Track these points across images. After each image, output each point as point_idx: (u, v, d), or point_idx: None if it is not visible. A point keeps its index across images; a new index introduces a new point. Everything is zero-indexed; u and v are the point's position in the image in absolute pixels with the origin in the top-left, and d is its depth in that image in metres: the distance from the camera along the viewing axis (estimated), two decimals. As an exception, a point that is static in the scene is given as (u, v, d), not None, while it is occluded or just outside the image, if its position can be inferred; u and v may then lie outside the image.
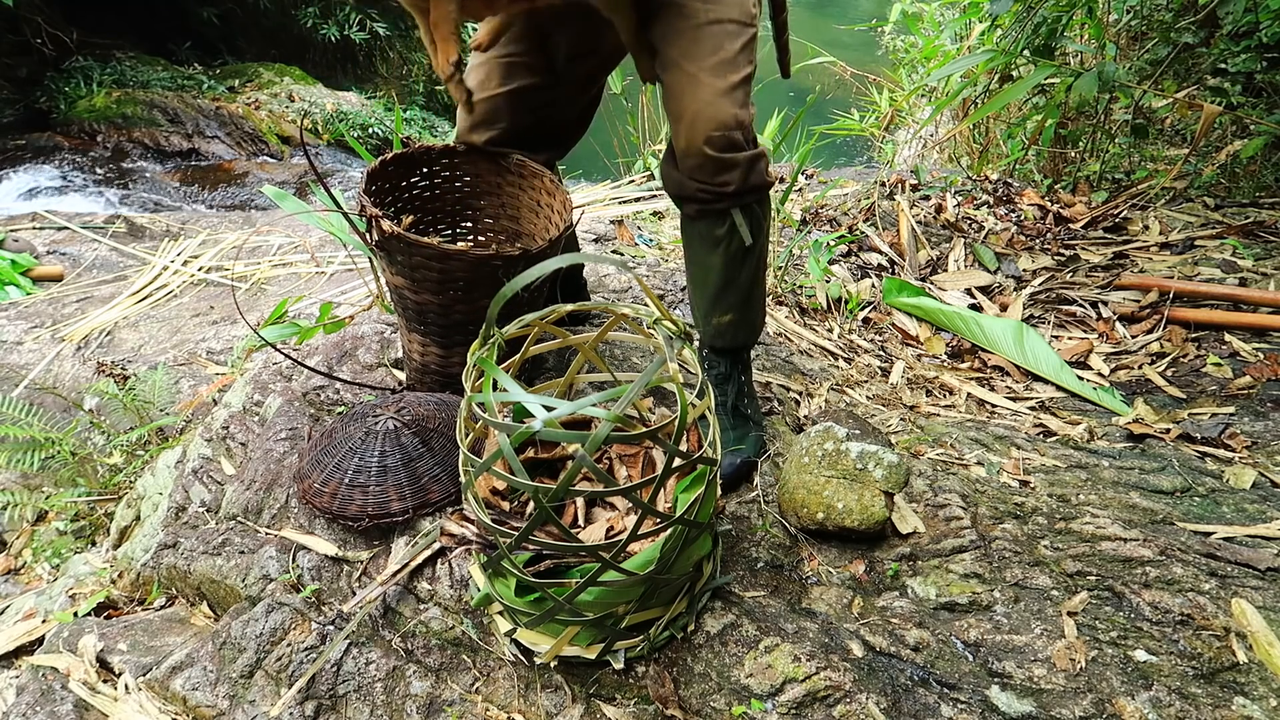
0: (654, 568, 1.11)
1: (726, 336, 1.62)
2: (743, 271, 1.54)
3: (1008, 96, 3.54)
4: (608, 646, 1.19)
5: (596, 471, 0.99)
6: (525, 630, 1.21)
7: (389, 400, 1.63)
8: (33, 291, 3.44)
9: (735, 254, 1.51)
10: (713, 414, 1.19)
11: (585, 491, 1.18)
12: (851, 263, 3.11)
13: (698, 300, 1.62)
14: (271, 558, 1.44)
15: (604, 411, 0.95)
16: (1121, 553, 1.42)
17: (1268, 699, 1.16)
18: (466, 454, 1.13)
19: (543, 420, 0.95)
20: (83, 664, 1.37)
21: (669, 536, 1.11)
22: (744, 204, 1.46)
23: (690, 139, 1.38)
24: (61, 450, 2.03)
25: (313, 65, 7.55)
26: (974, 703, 1.18)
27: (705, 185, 1.42)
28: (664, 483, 1.05)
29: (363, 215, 1.51)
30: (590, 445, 0.95)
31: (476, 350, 1.16)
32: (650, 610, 1.20)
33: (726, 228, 1.48)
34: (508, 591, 1.18)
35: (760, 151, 1.45)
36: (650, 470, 1.43)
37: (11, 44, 6.14)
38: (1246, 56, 3.38)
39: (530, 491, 1.00)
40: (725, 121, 1.36)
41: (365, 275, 2.61)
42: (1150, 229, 3.24)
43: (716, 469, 1.17)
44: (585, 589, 1.10)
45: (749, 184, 1.44)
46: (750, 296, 1.61)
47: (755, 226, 1.50)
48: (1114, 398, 2.29)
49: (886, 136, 5.32)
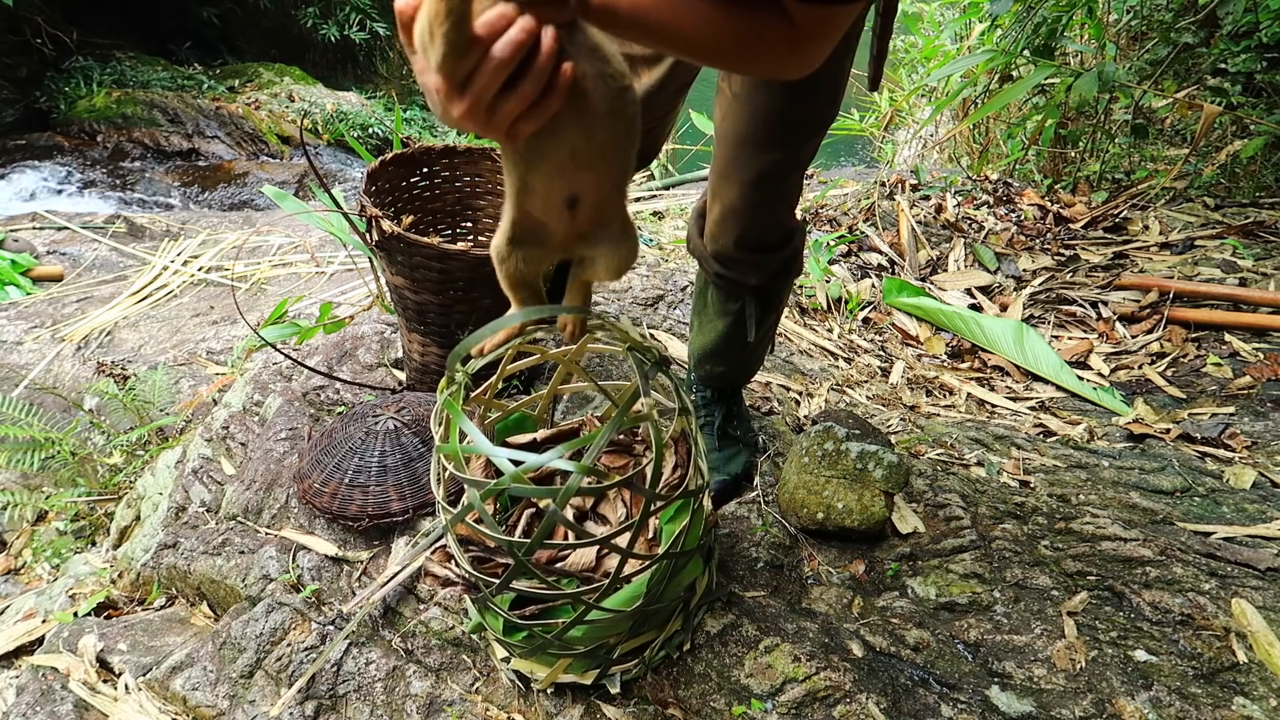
0: (641, 602, 1.09)
1: (716, 381, 1.58)
2: (744, 347, 1.47)
3: (1008, 96, 3.54)
4: (603, 672, 1.18)
5: (569, 525, 0.97)
6: (519, 660, 1.20)
7: (389, 400, 1.63)
8: (33, 291, 3.44)
9: (740, 334, 1.43)
10: (696, 438, 1.14)
11: (561, 544, 1.15)
12: (851, 263, 3.11)
13: (695, 344, 1.55)
14: (271, 558, 1.44)
15: (572, 465, 0.91)
16: (1121, 553, 1.42)
17: (1268, 699, 1.16)
18: (442, 504, 1.09)
19: (510, 475, 0.92)
20: (83, 664, 1.37)
21: (654, 571, 1.09)
22: (761, 295, 1.38)
23: (719, 232, 1.30)
24: (61, 450, 2.03)
25: (313, 65, 7.55)
26: (974, 703, 1.18)
27: (725, 274, 1.35)
28: (642, 525, 1.01)
29: (363, 215, 1.51)
30: (561, 499, 0.92)
31: (443, 391, 1.09)
32: (645, 635, 1.18)
33: (739, 308, 1.40)
34: (497, 627, 1.17)
35: (795, 250, 1.36)
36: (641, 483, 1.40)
37: (11, 44, 6.14)
38: (1246, 56, 3.38)
39: (507, 546, 0.97)
40: (763, 224, 1.27)
41: (365, 275, 2.61)
42: (1150, 229, 3.24)
43: (703, 495, 1.13)
44: (572, 628, 1.08)
45: (774, 280, 1.36)
46: (750, 360, 1.55)
47: (766, 314, 1.41)
48: (1114, 398, 2.29)
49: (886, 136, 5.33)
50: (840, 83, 1.19)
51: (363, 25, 7.24)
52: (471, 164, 1.70)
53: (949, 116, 4.71)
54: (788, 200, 1.29)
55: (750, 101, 1.17)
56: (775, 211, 1.29)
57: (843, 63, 1.16)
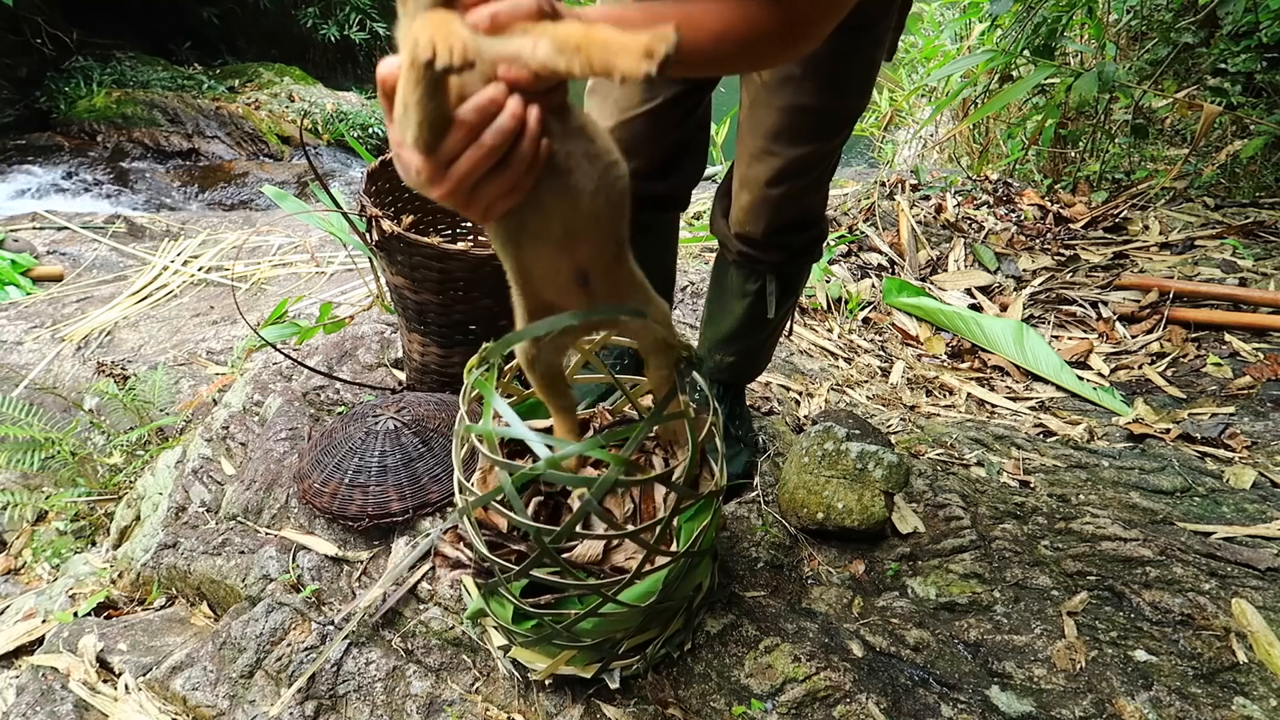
0: (655, 598, 1.09)
1: (726, 373, 1.59)
2: (760, 331, 1.48)
3: (1008, 96, 3.54)
4: (604, 667, 1.18)
5: (604, 518, 0.96)
6: (520, 649, 1.20)
7: (389, 400, 1.63)
8: (33, 291, 3.44)
9: (758, 314, 1.44)
10: (720, 439, 1.13)
11: (589, 535, 1.14)
12: (851, 263, 3.11)
13: (707, 333, 1.56)
14: (271, 558, 1.44)
15: (611, 455, 0.90)
16: (1121, 553, 1.42)
17: (1268, 699, 1.16)
18: (463, 483, 1.07)
19: (545, 460, 0.89)
20: (83, 664, 1.37)
21: (672, 568, 1.09)
22: (782, 273, 1.39)
23: (746, 220, 1.30)
24: (61, 450, 2.03)
25: (313, 65, 7.55)
26: (974, 703, 1.18)
27: (748, 253, 1.35)
28: (670, 522, 1.00)
29: (363, 215, 1.51)
30: (597, 491, 0.91)
31: (473, 368, 1.07)
32: (648, 632, 1.18)
33: (758, 287, 1.41)
34: (505, 614, 1.16)
35: (819, 234, 1.36)
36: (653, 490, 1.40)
37: (11, 44, 6.14)
38: (1246, 56, 3.38)
39: (533, 533, 0.96)
40: (792, 212, 1.27)
41: (365, 275, 2.61)
42: (1150, 229, 3.24)
43: (720, 496, 1.14)
44: (584, 619, 1.07)
45: (796, 261, 1.37)
46: (761, 349, 1.56)
47: (786, 295, 1.42)
48: (1114, 398, 2.29)
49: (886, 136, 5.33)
50: (871, 75, 1.19)
51: (363, 25, 7.25)
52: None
53: (949, 116, 4.71)
54: (818, 189, 1.29)
55: (781, 94, 1.16)
56: (805, 200, 1.29)
57: (872, 54, 1.15)
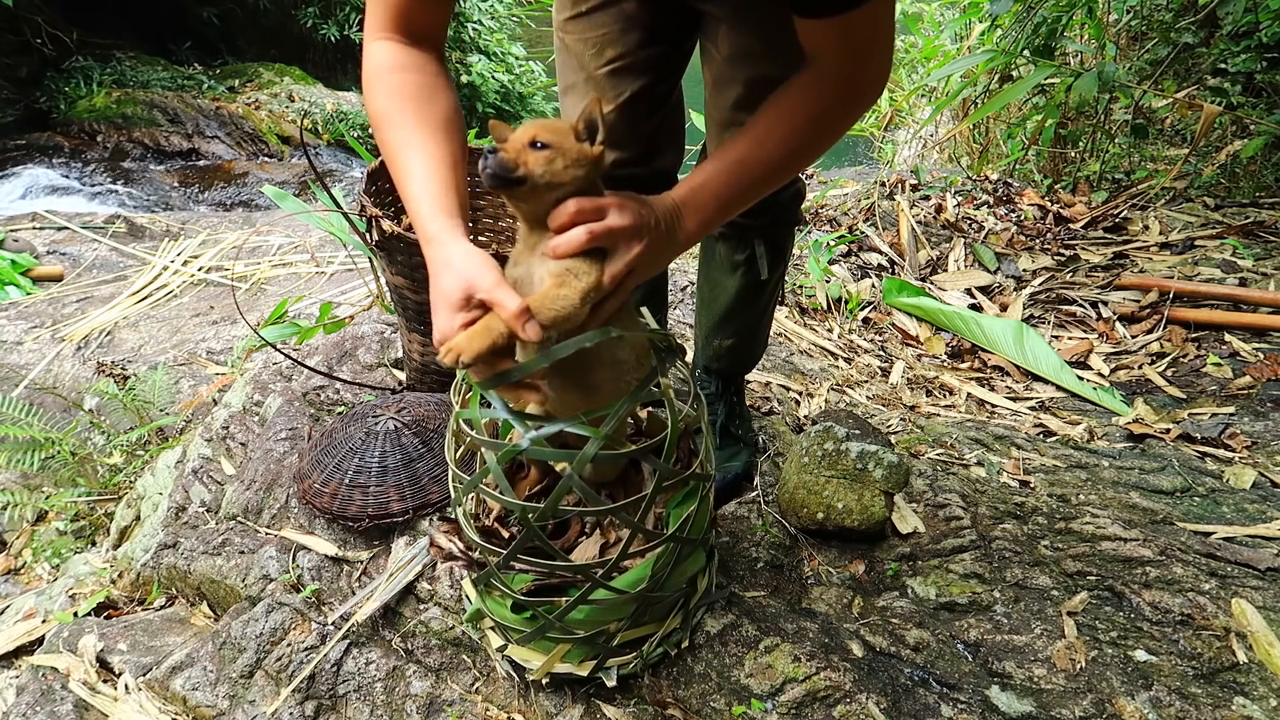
0: (645, 585, 1.10)
1: (724, 360, 1.60)
2: (755, 302, 1.51)
3: (1008, 96, 3.55)
4: (600, 664, 1.18)
5: (585, 491, 0.98)
6: (516, 647, 1.20)
7: (389, 400, 1.63)
8: (33, 291, 3.44)
9: (751, 283, 1.48)
10: (706, 426, 1.16)
11: (573, 510, 1.15)
12: (851, 263, 3.11)
13: (703, 319, 1.59)
14: (271, 558, 1.44)
15: (591, 430, 0.93)
16: (1121, 553, 1.42)
17: (1268, 699, 1.16)
18: (455, 471, 1.11)
19: (530, 439, 0.94)
20: (83, 664, 1.37)
21: (661, 553, 1.10)
22: (770, 236, 1.43)
23: None
24: (61, 450, 2.03)
25: (313, 65, 7.54)
26: (974, 703, 1.18)
27: (736, 220, 1.34)
28: (654, 500, 1.03)
29: (363, 215, 1.51)
30: (578, 464, 0.93)
31: None
32: (644, 627, 1.18)
33: (747, 255, 1.44)
34: (502, 608, 1.17)
35: (798, 190, 1.40)
36: (641, 478, 1.42)
37: (11, 44, 6.14)
38: (1246, 56, 3.38)
39: (519, 511, 0.99)
40: None
41: (365, 275, 2.61)
42: (1150, 229, 3.24)
43: (711, 484, 1.15)
44: (575, 607, 1.09)
45: (781, 219, 1.40)
46: (757, 327, 1.58)
47: (776, 260, 1.45)
48: (1114, 398, 2.29)
49: (886, 136, 5.33)
50: None
51: (363, 25, 7.24)
52: (471, 164, 1.70)
53: (949, 116, 4.71)
54: None
55: (743, 68, 1.21)
56: None
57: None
